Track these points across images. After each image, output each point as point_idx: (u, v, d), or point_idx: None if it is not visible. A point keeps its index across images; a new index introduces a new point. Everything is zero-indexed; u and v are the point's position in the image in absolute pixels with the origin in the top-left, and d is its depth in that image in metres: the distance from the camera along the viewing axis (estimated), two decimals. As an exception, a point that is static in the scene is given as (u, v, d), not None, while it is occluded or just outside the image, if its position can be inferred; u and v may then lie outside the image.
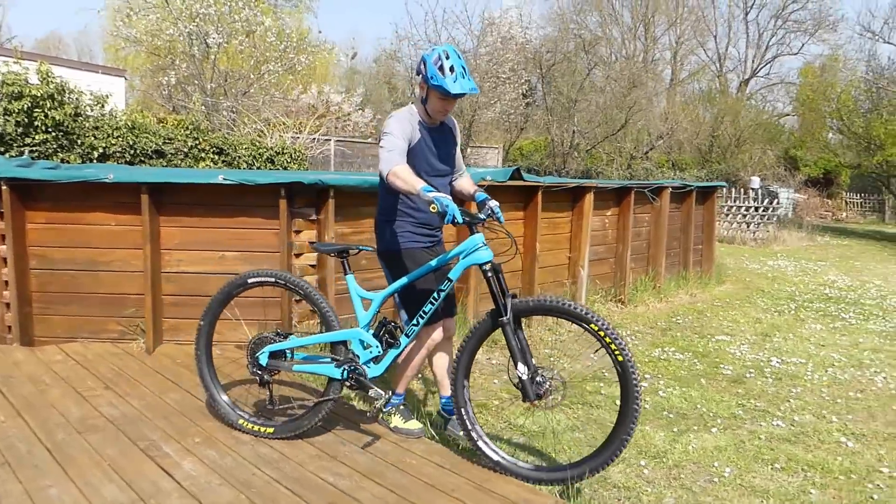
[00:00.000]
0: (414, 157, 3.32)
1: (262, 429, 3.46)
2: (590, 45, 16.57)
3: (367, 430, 3.63)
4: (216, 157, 9.03)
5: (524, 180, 6.42)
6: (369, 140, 17.62)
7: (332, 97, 17.52)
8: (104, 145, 7.94)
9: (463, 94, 3.25)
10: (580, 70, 16.15)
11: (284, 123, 12.05)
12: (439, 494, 2.94)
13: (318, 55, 14.65)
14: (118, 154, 8.06)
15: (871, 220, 29.30)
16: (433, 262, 3.34)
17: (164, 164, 8.42)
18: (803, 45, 38.80)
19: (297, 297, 3.64)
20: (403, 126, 3.28)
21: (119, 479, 2.92)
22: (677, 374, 5.64)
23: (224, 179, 4.68)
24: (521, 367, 3.11)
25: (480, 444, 3.23)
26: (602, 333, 2.95)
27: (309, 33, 23.30)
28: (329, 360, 3.47)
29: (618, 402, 3.03)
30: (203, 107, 10.81)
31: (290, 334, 3.63)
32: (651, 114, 20.39)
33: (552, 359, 4.59)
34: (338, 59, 25.07)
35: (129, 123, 8.30)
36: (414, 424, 3.61)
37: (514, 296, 3.18)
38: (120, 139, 8.05)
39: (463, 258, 3.23)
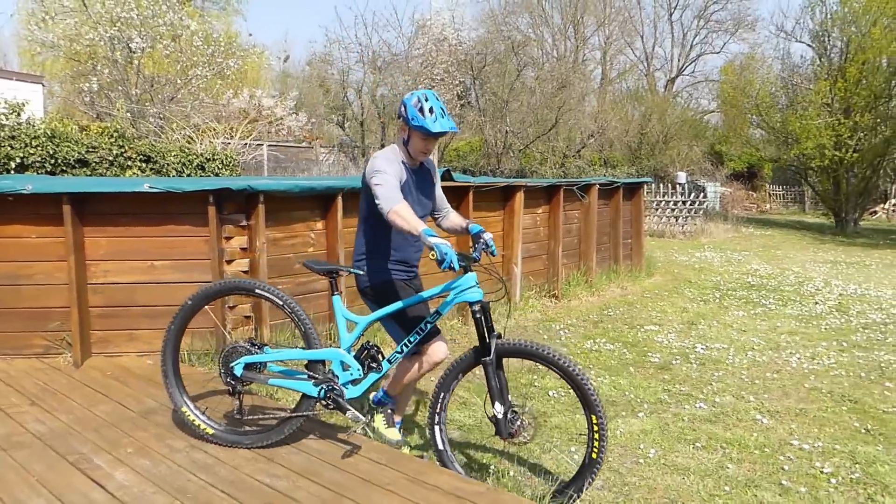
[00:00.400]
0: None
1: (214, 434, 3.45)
2: (519, 47, 16.86)
3: (304, 430, 3.66)
4: (143, 164, 8.83)
5: (454, 181, 6.54)
6: (303, 144, 17.50)
7: (264, 101, 17.31)
8: (21, 155, 7.67)
9: (444, 133, 3.30)
10: (511, 71, 16.43)
11: (214, 129, 11.86)
12: (375, 489, 3.01)
13: (248, 59, 14.43)
14: (38, 164, 7.79)
15: (793, 210, 30.75)
16: (424, 294, 3.37)
17: (89, 173, 8.19)
18: (725, 44, 40.46)
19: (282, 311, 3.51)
20: (393, 166, 3.30)
21: (48, 493, 2.88)
22: (607, 364, 5.85)
23: (150, 188, 4.62)
24: (497, 405, 3.20)
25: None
26: (571, 371, 3.09)
27: (238, 37, 22.98)
28: (306, 376, 3.44)
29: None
30: (128, 113, 10.54)
31: (265, 346, 3.60)
32: (581, 113, 20.88)
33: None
34: (269, 63, 24.79)
35: (49, 132, 8.03)
36: (393, 434, 3.61)
37: (499, 336, 3.26)
38: (39, 148, 7.79)
39: (454, 294, 3.27)
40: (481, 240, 3.37)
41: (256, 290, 3.52)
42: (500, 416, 3.20)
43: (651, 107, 26.46)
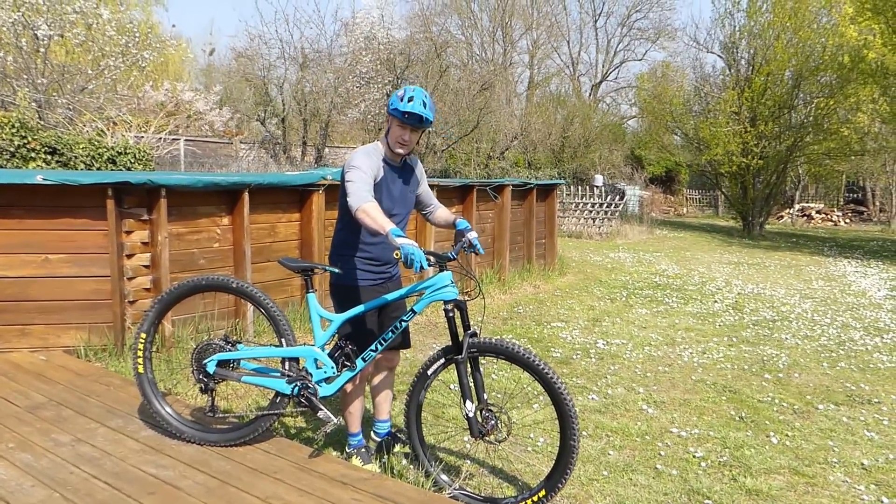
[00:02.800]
0: (377, 193, 3.28)
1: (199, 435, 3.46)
2: (442, 48, 17.06)
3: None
4: (49, 157, 8.51)
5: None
6: (224, 140, 17.18)
7: (184, 95, 16.88)
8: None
9: (417, 119, 3.25)
10: (434, 72, 16.61)
11: (127, 122, 11.51)
12: (262, 477, 3.07)
13: (167, 51, 14.05)
14: (-71, 154, 7.43)
15: (708, 214, 32.19)
16: (400, 292, 3.37)
17: (-13, 164, 7.86)
18: (647, 51, 41.92)
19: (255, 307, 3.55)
20: (371, 161, 3.27)
21: (-82, 489, 2.82)
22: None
23: (43, 180, 4.51)
24: (468, 403, 3.22)
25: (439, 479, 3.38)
26: (548, 378, 3.10)
27: (158, 27, 22.33)
28: (279, 374, 3.43)
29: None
30: (34, 103, 10.12)
31: (239, 342, 3.56)
32: (506, 115, 21.28)
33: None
34: (191, 55, 24.17)
35: (-57, 121, 7.66)
36: (372, 467, 3.53)
37: (474, 334, 3.25)
38: (-68, 138, 7.42)
39: (429, 293, 3.27)
40: (464, 238, 3.41)
41: (233, 286, 3.51)
42: (470, 414, 3.22)
43: (573, 111, 27.19)
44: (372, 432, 3.76)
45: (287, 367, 3.42)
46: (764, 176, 21.31)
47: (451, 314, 3.25)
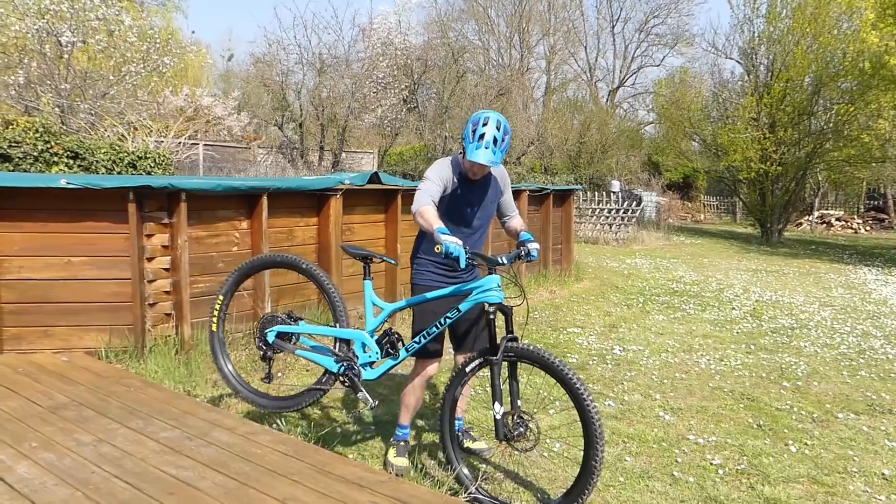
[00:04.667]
0: (444, 204, 3.47)
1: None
2: (459, 54, 17.11)
3: (216, 425, 3.71)
4: (71, 161, 8.66)
5: (383, 183, 6.66)
6: (242, 145, 17.34)
7: (203, 100, 17.08)
8: (-61, 149, 7.45)
9: (482, 165, 3.36)
10: (451, 78, 16.67)
11: (148, 127, 11.67)
12: (280, 479, 3.09)
13: (186, 56, 14.24)
14: (-44, 158, 7.58)
15: (725, 220, 31.94)
16: (446, 290, 3.48)
17: (11, 168, 8.00)
18: (664, 57, 41.86)
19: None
20: (443, 172, 3.47)
21: (-55, 487, 2.87)
22: (526, 364, 6.03)
23: (67, 183, 4.59)
24: (496, 406, 3.27)
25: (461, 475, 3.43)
26: (579, 395, 3.11)
27: (178, 33, 22.57)
28: (330, 353, 3.66)
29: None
30: (57, 108, 10.29)
31: (301, 319, 3.82)
32: (521, 120, 21.28)
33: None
34: (209, 61, 24.42)
35: (-32, 125, 7.81)
36: (402, 462, 3.71)
37: (513, 339, 3.32)
38: (-42, 142, 7.58)
39: (475, 294, 3.37)
40: (524, 247, 3.52)
41: (302, 266, 3.77)
42: (498, 416, 3.26)
43: (590, 116, 27.14)
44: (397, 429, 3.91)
45: (337, 347, 3.66)
46: (783, 182, 21.13)
47: (492, 316, 3.34)
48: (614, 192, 19.91)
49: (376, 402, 3.60)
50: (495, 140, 3.33)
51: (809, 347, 7.05)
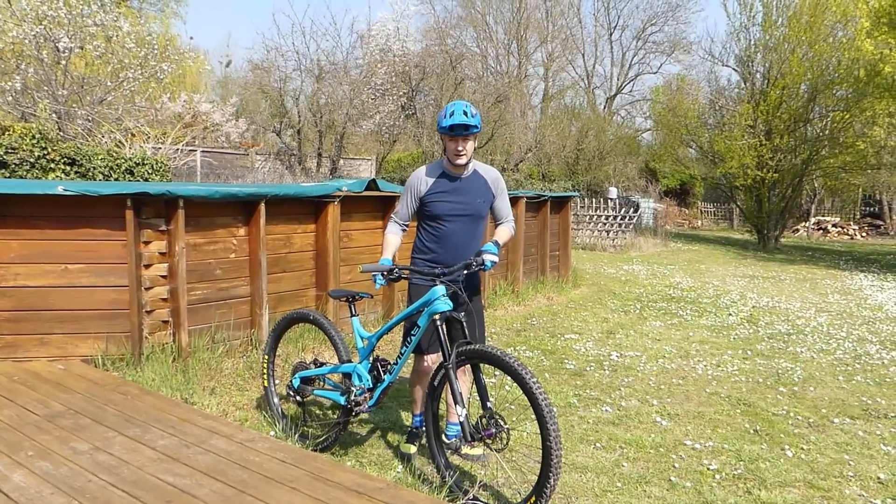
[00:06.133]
0: (431, 204, 3.81)
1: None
2: (457, 61, 17.15)
3: (213, 432, 3.71)
4: (68, 168, 8.63)
5: (381, 190, 6.67)
6: (240, 151, 17.34)
7: (201, 106, 17.07)
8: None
9: (462, 127, 3.59)
10: (449, 84, 16.70)
11: (145, 133, 11.66)
12: (277, 486, 3.09)
13: (184, 63, 14.23)
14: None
15: (722, 227, 32.00)
16: (414, 306, 3.70)
17: (7, 175, 7.98)
18: (661, 64, 41.98)
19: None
20: (411, 186, 3.85)
21: (-59, 495, 2.87)
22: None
23: (64, 190, 4.59)
24: (458, 409, 3.35)
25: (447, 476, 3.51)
26: (524, 380, 3.14)
27: (177, 40, 22.58)
28: (338, 388, 3.99)
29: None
30: (54, 114, 10.28)
31: (325, 364, 4.18)
32: (518, 127, 21.33)
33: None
34: (210, 67, 24.46)
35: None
36: (407, 448, 4.08)
37: (463, 343, 3.45)
38: (-46, 149, 7.56)
39: (427, 308, 3.57)
40: (479, 257, 3.63)
41: (309, 318, 4.23)
42: (461, 419, 3.33)
43: (587, 123, 27.20)
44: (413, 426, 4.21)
45: (344, 382, 3.96)
46: (779, 189, 21.18)
47: (438, 324, 3.49)
48: (611, 199, 19.94)
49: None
50: (465, 112, 3.59)
51: (806, 353, 7.07)
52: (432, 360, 3.92)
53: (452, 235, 3.83)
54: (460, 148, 3.67)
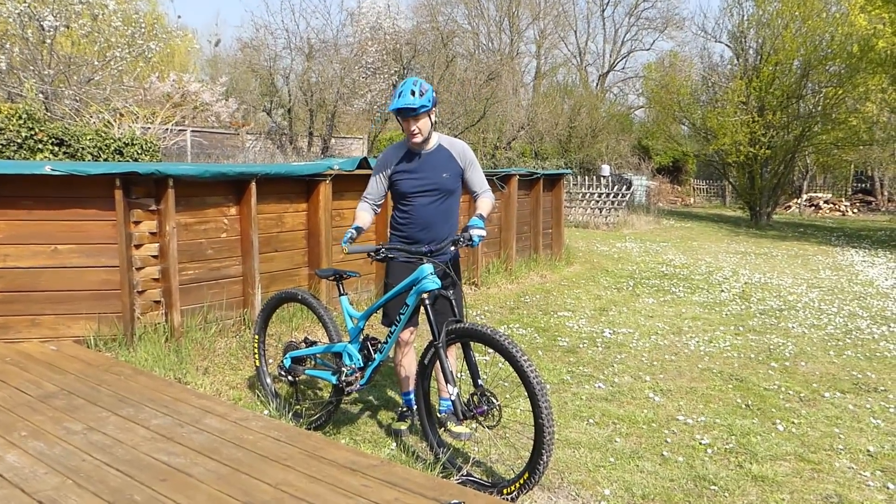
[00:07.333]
0: (397, 182, 3.84)
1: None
2: (447, 38, 17.01)
3: (207, 412, 3.71)
4: (56, 148, 8.54)
5: (371, 168, 6.62)
6: (230, 131, 17.19)
7: (190, 86, 16.89)
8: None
9: (406, 111, 3.59)
10: (440, 62, 16.57)
11: (134, 113, 11.54)
12: (272, 464, 3.09)
13: (173, 42, 14.05)
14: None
15: (715, 204, 32.05)
16: (403, 284, 3.65)
17: (-5, 155, 7.90)
18: (654, 41, 41.82)
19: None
20: (379, 165, 3.88)
21: (-66, 476, 2.86)
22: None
23: (52, 170, 4.54)
24: (449, 387, 3.36)
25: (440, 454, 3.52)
26: (515, 358, 3.13)
27: (164, 18, 22.28)
28: (330, 368, 3.98)
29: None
30: (41, 94, 10.15)
31: (316, 342, 4.15)
32: (511, 105, 21.24)
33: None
34: (199, 46, 24.14)
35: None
36: (399, 424, 4.10)
37: (452, 321, 3.43)
38: (-59, 129, 7.46)
39: (415, 286, 3.55)
40: (466, 233, 3.60)
41: (298, 297, 4.24)
42: (453, 397, 3.33)
43: (580, 101, 27.09)
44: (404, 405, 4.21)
45: (335, 361, 3.95)
46: (772, 166, 21.21)
47: (427, 303, 3.49)
48: (604, 177, 19.94)
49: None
50: (412, 91, 3.58)
51: (797, 328, 7.12)
52: (408, 334, 3.96)
53: (421, 211, 3.82)
54: (413, 128, 3.67)
